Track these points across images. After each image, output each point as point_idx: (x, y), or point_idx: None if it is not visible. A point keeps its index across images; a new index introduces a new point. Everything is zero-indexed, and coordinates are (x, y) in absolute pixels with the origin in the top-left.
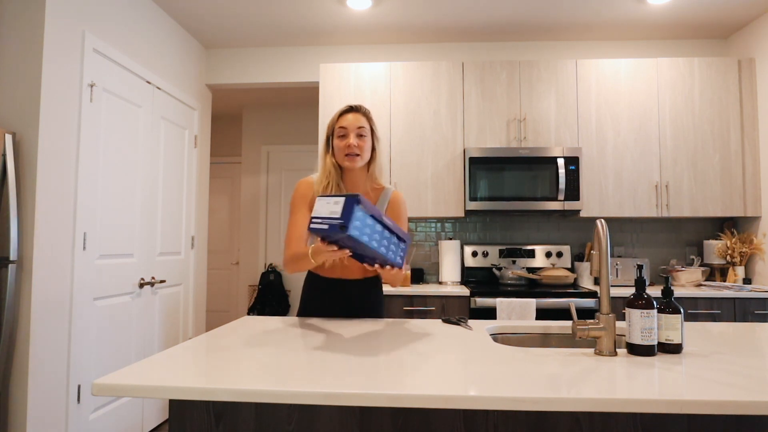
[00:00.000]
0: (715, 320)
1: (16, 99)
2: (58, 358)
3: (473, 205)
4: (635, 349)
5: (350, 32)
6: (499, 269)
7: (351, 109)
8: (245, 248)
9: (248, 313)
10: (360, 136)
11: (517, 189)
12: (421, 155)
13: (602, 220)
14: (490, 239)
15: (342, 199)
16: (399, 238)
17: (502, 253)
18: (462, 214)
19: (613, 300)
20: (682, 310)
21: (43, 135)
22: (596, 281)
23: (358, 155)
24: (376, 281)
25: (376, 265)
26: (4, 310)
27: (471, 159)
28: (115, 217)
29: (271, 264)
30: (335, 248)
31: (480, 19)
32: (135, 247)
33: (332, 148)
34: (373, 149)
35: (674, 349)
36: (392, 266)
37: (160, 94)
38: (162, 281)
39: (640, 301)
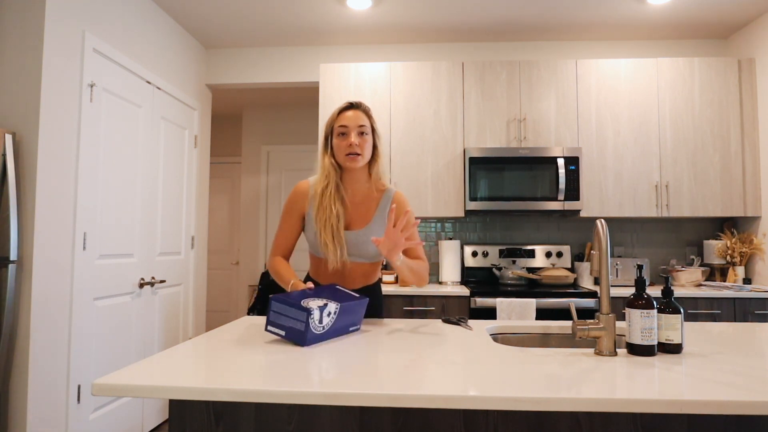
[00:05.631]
0: (715, 320)
1: (16, 99)
2: (58, 358)
3: (473, 205)
4: (635, 349)
5: (350, 32)
6: (499, 269)
7: (351, 106)
8: (245, 248)
9: (248, 314)
10: (361, 134)
11: (517, 189)
12: (421, 155)
13: (602, 220)
14: (490, 239)
15: (303, 322)
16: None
17: (502, 253)
18: (462, 214)
19: (613, 300)
20: (682, 310)
21: (43, 135)
22: (596, 281)
23: (359, 154)
24: (376, 287)
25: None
26: (4, 310)
27: (471, 159)
28: (115, 217)
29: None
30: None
31: (480, 19)
32: (135, 247)
33: (331, 147)
34: (375, 148)
35: (674, 349)
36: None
37: (160, 94)
38: (162, 281)
39: (640, 301)
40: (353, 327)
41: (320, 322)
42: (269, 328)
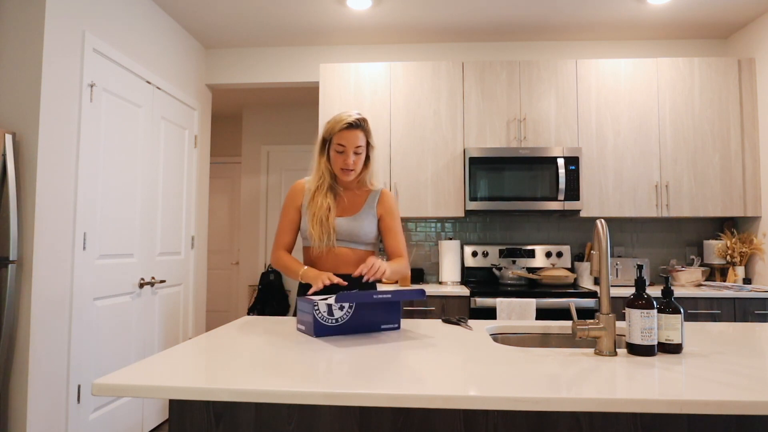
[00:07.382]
0: (715, 320)
1: (16, 99)
2: (58, 358)
3: (473, 205)
4: (635, 349)
5: (350, 32)
6: (499, 269)
7: (351, 127)
8: (245, 248)
9: (248, 313)
10: (357, 154)
11: (517, 189)
12: (421, 155)
13: (602, 220)
14: (490, 239)
15: (310, 314)
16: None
17: (502, 253)
18: (462, 214)
19: (613, 300)
20: (682, 310)
21: (43, 135)
22: (596, 281)
23: (353, 170)
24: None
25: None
26: (4, 310)
27: (471, 159)
28: (115, 216)
29: (271, 264)
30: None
31: (480, 19)
32: (135, 247)
33: (328, 153)
34: (367, 158)
35: (674, 349)
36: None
37: (160, 94)
38: (162, 281)
39: (640, 301)
40: (387, 325)
41: (330, 314)
42: (298, 326)
